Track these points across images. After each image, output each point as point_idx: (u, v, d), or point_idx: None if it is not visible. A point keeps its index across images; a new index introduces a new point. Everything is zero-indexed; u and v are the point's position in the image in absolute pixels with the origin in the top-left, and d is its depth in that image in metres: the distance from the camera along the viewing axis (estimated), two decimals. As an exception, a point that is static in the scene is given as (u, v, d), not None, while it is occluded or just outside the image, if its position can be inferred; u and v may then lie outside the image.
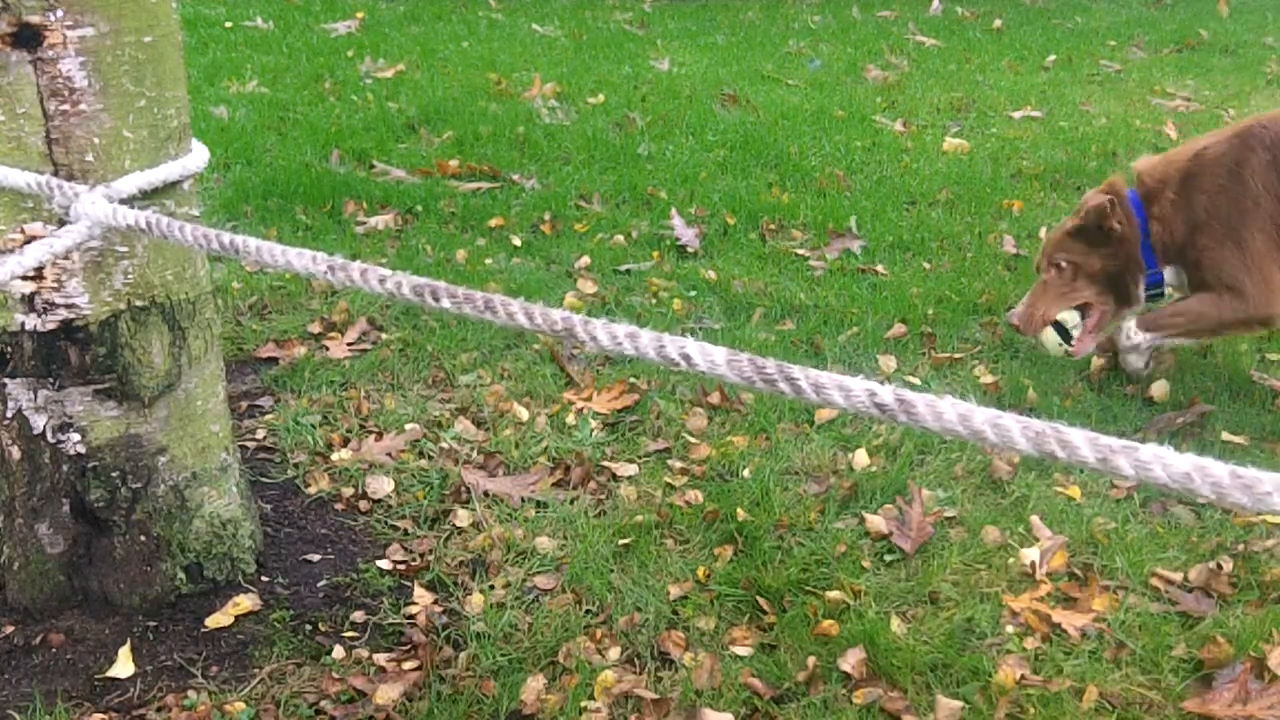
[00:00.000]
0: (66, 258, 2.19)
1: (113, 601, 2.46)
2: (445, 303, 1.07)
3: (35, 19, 2.03)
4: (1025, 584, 2.60)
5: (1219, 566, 2.64)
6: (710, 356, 0.99)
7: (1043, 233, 4.62)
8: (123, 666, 2.34)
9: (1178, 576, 2.62)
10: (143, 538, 2.44)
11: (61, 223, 2.09)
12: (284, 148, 5.31)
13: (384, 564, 2.67)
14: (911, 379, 3.49)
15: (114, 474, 2.38)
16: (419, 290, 1.09)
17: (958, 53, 7.95)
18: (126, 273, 2.26)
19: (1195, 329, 3.32)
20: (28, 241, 2.14)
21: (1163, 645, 2.40)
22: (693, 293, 4.03)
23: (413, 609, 2.53)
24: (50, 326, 2.24)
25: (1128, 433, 3.17)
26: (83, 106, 2.11)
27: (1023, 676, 2.31)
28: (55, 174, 2.10)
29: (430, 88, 6.44)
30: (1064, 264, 3.38)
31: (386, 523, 2.82)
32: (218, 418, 2.53)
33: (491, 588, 2.61)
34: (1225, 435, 3.16)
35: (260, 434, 3.15)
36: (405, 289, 1.09)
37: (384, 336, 3.67)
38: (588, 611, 2.54)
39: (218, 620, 2.46)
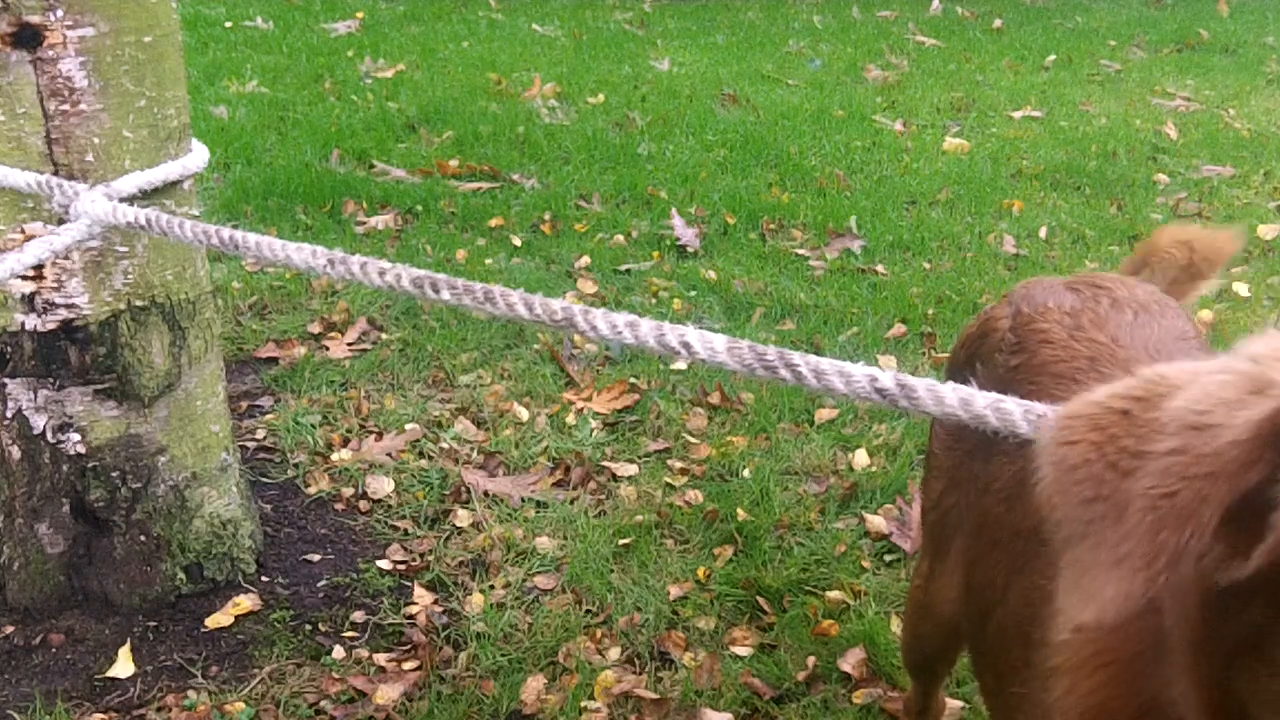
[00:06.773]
0: (66, 257, 2.18)
1: (113, 601, 2.46)
2: (445, 294, 1.06)
3: (35, 19, 2.03)
4: (1026, 582, 2.60)
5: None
6: (710, 344, 0.99)
7: (1043, 232, 4.63)
8: (123, 666, 2.33)
9: (1179, 575, 2.61)
10: (143, 538, 2.44)
11: (61, 222, 2.09)
12: (284, 148, 5.30)
13: (384, 564, 2.66)
14: (912, 378, 3.49)
15: (114, 474, 2.38)
16: (418, 282, 1.08)
17: (958, 53, 7.95)
18: (126, 272, 2.26)
19: None
20: (27, 241, 2.13)
21: (1164, 643, 2.40)
22: (693, 292, 4.02)
23: (413, 609, 2.53)
24: (50, 326, 2.24)
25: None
26: (83, 106, 2.10)
27: (1024, 675, 2.30)
28: (55, 174, 2.10)
29: (430, 88, 6.44)
30: None
31: (386, 523, 2.82)
32: (218, 418, 2.53)
33: (491, 588, 2.60)
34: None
35: (260, 434, 3.15)
36: (405, 281, 1.09)
37: (384, 336, 3.67)
38: (588, 611, 2.53)
39: (218, 620, 2.46)
